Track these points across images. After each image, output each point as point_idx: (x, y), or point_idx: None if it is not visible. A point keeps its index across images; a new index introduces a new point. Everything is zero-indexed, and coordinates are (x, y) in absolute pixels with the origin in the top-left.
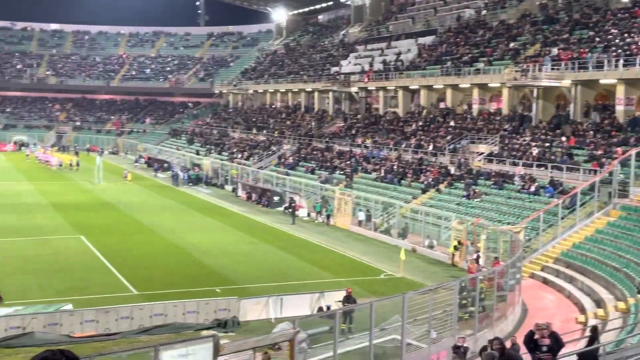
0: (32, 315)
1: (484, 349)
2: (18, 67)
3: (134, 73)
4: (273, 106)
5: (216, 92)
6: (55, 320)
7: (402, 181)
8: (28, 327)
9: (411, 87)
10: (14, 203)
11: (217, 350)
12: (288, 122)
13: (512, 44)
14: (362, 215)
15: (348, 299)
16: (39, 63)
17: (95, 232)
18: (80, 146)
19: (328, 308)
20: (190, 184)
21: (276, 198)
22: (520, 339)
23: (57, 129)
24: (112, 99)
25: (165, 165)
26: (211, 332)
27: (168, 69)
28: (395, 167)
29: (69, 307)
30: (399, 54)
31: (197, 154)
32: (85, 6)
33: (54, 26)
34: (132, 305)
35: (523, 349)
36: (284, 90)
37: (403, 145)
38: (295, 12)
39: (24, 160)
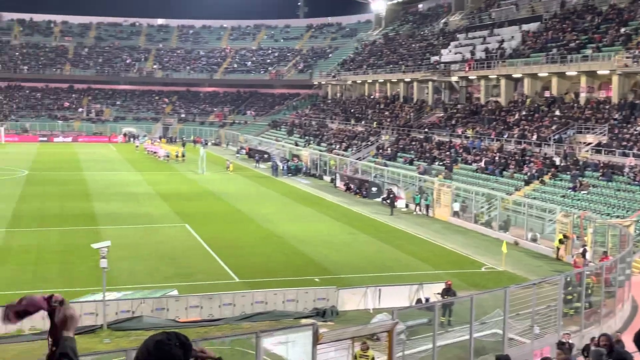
0: (140, 300)
1: (586, 347)
2: (127, 61)
3: (235, 66)
4: (371, 97)
5: (315, 83)
6: (162, 305)
7: (504, 172)
8: (137, 311)
9: (514, 76)
10: (124, 192)
11: (316, 339)
12: (386, 113)
13: (623, 29)
14: (457, 206)
15: (447, 292)
16: (147, 57)
17: (199, 220)
18: (185, 137)
19: (427, 300)
20: (290, 174)
21: (374, 189)
22: (627, 337)
23: (163, 121)
24: (215, 92)
25: (266, 156)
26: (310, 320)
27: (268, 61)
28: (496, 158)
29: (175, 292)
30: (501, 41)
31: (296, 145)
32: (189, 1)
33: (160, 21)
34: (234, 292)
35: (630, 347)
36: (382, 80)
37: (505, 136)
38: (395, 1)
39: (133, 151)
